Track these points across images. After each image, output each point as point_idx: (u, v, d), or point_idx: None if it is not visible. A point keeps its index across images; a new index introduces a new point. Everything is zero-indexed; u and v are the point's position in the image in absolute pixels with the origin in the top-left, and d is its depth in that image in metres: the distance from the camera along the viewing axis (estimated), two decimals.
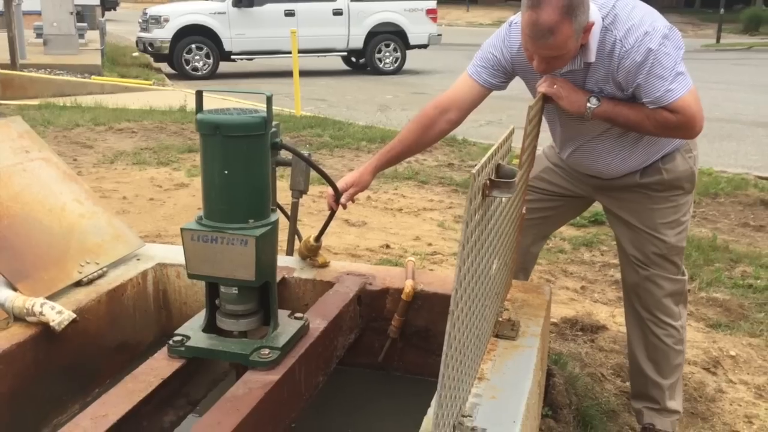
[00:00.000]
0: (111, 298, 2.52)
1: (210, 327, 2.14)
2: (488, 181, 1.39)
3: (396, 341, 2.64)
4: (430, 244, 4.61)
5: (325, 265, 2.72)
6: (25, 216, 2.51)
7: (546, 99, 2.26)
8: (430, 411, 1.75)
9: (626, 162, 2.38)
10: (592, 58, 2.14)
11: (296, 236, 2.82)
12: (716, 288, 3.97)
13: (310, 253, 2.69)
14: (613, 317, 3.56)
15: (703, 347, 3.30)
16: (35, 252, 2.43)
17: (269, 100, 2.01)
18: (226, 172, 1.95)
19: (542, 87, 2.24)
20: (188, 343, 2.06)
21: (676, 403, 2.57)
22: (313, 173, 2.50)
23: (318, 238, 2.66)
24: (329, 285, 2.61)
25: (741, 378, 3.08)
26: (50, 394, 2.27)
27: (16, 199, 2.51)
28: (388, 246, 4.55)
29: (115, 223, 2.80)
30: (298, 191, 2.72)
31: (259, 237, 1.96)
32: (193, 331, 2.12)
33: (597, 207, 4.28)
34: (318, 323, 2.28)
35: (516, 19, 2.26)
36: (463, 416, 1.69)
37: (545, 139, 2.49)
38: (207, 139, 1.96)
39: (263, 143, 2.00)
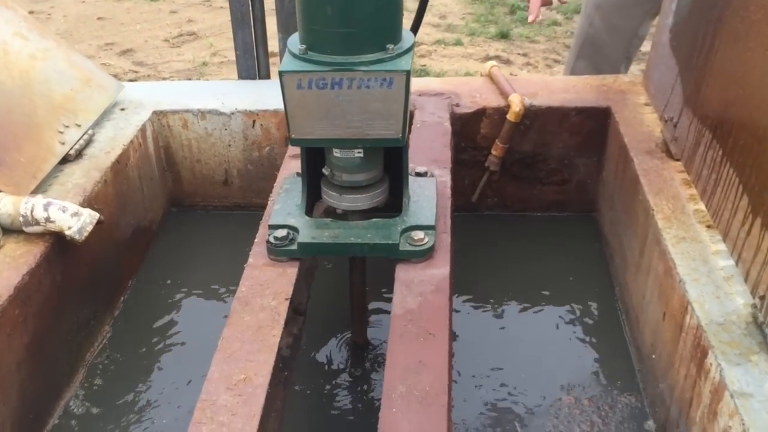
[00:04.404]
0: (116, 173, 1.77)
1: (313, 209, 1.48)
2: None
3: (493, 174, 2.08)
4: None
5: None
6: None
7: None
8: None
9: None
10: None
11: None
12: None
13: None
14: None
15: None
16: None
17: None
18: None
19: None
20: (301, 239, 1.39)
21: None
22: None
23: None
24: None
25: None
26: (77, 322, 1.59)
27: None
28: None
29: (76, 60, 1.94)
30: None
31: (409, 72, 1.26)
32: (294, 218, 1.45)
33: None
34: (439, 174, 1.66)
35: None
36: None
37: None
38: None
39: None
